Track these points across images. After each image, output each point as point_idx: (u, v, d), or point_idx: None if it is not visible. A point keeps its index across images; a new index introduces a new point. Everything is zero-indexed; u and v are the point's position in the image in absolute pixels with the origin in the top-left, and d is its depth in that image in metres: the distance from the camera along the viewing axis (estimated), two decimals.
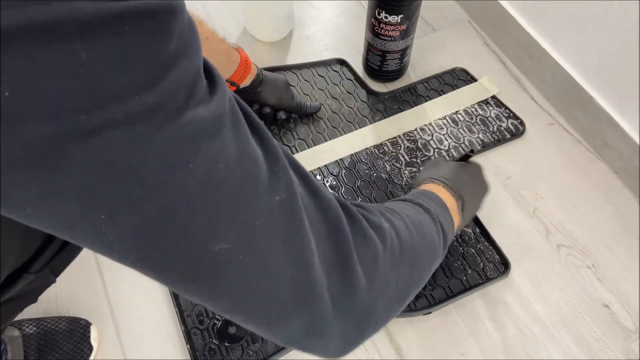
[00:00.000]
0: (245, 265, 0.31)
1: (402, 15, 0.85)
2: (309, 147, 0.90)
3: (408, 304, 0.74)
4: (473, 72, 0.99)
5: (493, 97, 0.96)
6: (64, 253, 0.44)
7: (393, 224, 0.43)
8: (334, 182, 0.85)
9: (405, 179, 0.86)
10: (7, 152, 0.22)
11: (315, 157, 0.88)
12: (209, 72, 0.29)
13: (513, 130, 0.92)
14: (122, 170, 0.25)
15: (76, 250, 0.46)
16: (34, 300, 0.49)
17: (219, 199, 0.29)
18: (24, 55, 0.21)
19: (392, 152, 0.89)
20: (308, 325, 0.36)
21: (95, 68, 0.23)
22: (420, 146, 0.90)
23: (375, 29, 0.89)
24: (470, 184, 0.64)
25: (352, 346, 0.41)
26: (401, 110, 0.94)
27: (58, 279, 0.49)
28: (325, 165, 0.87)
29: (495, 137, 0.91)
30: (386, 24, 0.87)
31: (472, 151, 0.79)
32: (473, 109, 0.95)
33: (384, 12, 0.85)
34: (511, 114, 0.94)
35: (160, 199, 0.27)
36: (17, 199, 0.24)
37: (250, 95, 0.84)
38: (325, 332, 0.37)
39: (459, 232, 0.79)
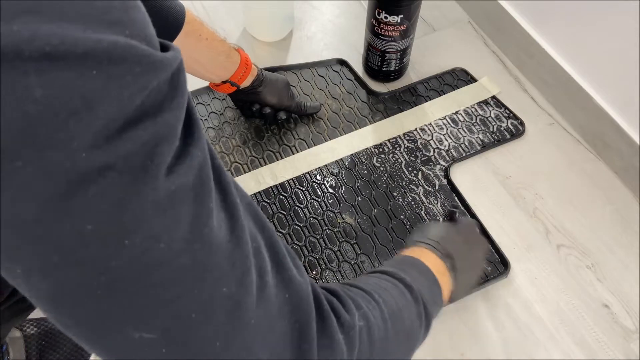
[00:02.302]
0: None
1: (402, 15, 0.85)
2: (309, 147, 0.90)
3: None
4: (473, 72, 1.00)
5: (493, 97, 0.96)
6: None
7: (368, 320, 0.38)
8: (334, 182, 0.85)
9: (405, 179, 0.86)
10: None
11: (315, 157, 0.88)
12: (190, 134, 0.26)
13: (513, 130, 0.92)
14: (46, 229, 0.22)
15: None
16: None
17: (150, 282, 0.25)
18: None
19: (392, 152, 0.89)
20: None
21: (46, 109, 0.20)
22: (420, 146, 0.90)
23: (375, 29, 0.89)
24: (461, 242, 0.60)
25: None
26: (401, 111, 0.94)
27: None
28: (325, 165, 0.87)
29: (495, 137, 0.91)
30: (386, 24, 0.87)
31: (454, 207, 0.78)
32: (473, 109, 0.95)
33: (384, 12, 0.85)
34: (511, 114, 0.94)
35: (80, 272, 0.24)
36: None
37: (250, 95, 0.84)
38: None
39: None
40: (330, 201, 0.84)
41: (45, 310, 0.26)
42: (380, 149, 0.89)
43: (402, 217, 0.82)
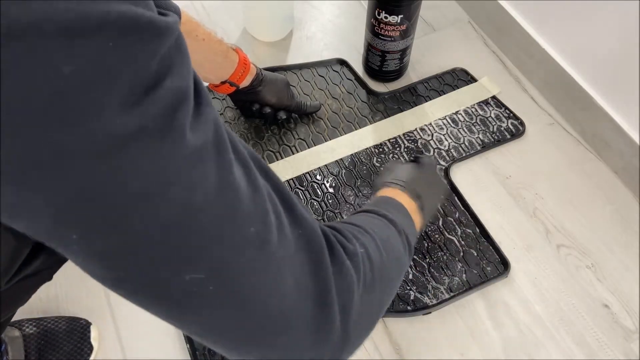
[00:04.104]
0: (216, 296, 0.31)
1: (402, 15, 0.85)
2: (309, 147, 0.90)
3: (408, 304, 0.74)
4: (473, 72, 1.00)
5: (493, 97, 0.96)
6: None
7: (366, 249, 0.43)
8: (334, 182, 0.85)
9: None
10: None
11: (315, 157, 0.88)
12: (199, 95, 0.29)
13: (513, 130, 0.92)
14: (98, 193, 0.25)
15: None
16: (50, 277, 0.49)
17: (193, 228, 0.28)
18: (9, 66, 0.21)
19: (392, 152, 0.89)
20: (281, 356, 0.35)
21: (76, 84, 0.22)
22: (421, 146, 0.90)
23: (375, 29, 0.89)
24: (426, 183, 0.66)
25: None
26: (401, 111, 0.94)
27: (59, 279, 0.49)
28: (325, 165, 0.87)
29: (495, 137, 0.91)
30: (386, 24, 0.87)
31: (421, 152, 0.80)
32: (473, 109, 0.95)
33: (384, 12, 0.85)
34: (511, 114, 0.94)
35: (135, 226, 0.26)
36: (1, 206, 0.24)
37: (250, 95, 0.84)
38: None
39: (424, 230, 0.76)
40: (330, 201, 0.83)
41: (98, 270, 0.28)
42: (380, 149, 0.89)
43: None
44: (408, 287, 0.76)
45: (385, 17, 0.86)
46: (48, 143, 0.23)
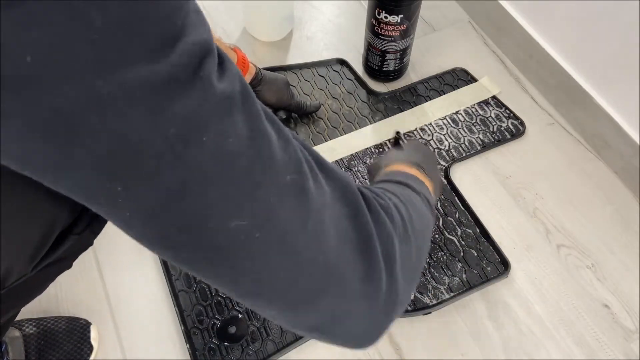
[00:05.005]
0: (263, 244, 0.31)
1: (402, 15, 0.85)
2: None
3: (408, 304, 0.74)
4: (473, 72, 0.99)
5: (493, 97, 0.96)
6: None
7: (395, 203, 0.44)
8: None
9: None
10: (28, 119, 0.23)
11: None
12: (220, 55, 0.30)
13: (513, 130, 0.92)
14: (138, 142, 0.26)
15: None
16: (70, 265, 0.50)
17: (232, 174, 0.29)
18: (44, 20, 0.22)
19: None
20: (335, 309, 0.36)
21: (109, 34, 0.23)
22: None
23: (375, 29, 0.89)
24: (419, 154, 0.67)
25: (379, 332, 0.40)
26: (401, 110, 0.94)
27: (58, 279, 0.50)
28: None
29: (496, 137, 0.91)
30: (386, 24, 0.87)
31: (397, 133, 0.80)
32: (473, 109, 0.95)
33: (384, 12, 0.85)
34: (511, 114, 0.94)
35: (176, 173, 0.27)
36: (39, 166, 0.25)
37: None
38: (352, 317, 0.37)
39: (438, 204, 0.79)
40: None
41: (142, 228, 0.29)
42: (381, 149, 0.89)
43: None
44: None
45: (385, 17, 0.86)
46: (85, 93, 0.24)
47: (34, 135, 0.24)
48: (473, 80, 0.99)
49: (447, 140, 0.91)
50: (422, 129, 0.92)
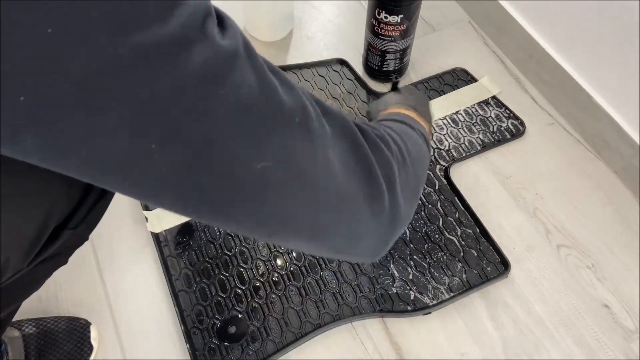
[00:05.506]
0: (287, 182, 0.35)
1: (402, 15, 0.85)
2: None
3: (408, 304, 0.74)
4: (473, 72, 0.99)
5: (493, 97, 0.96)
6: (98, 207, 0.46)
7: (390, 134, 0.48)
8: None
9: None
10: (55, 93, 0.24)
11: None
12: (220, 14, 0.32)
13: (513, 130, 0.92)
14: (163, 101, 0.27)
15: (106, 204, 0.48)
16: (65, 261, 0.50)
17: (251, 122, 0.32)
18: None
19: None
20: (351, 230, 0.41)
21: (122, 1, 0.25)
22: None
23: (375, 29, 0.89)
24: (413, 97, 0.71)
25: (386, 245, 0.46)
26: None
27: (58, 278, 0.50)
28: None
29: (496, 137, 0.91)
30: (386, 24, 0.87)
31: (396, 77, 0.82)
32: (473, 109, 0.95)
33: (384, 12, 0.85)
34: (511, 114, 0.94)
35: (203, 126, 0.29)
36: (73, 143, 0.26)
37: None
38: (364, 235, 0.43)
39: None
40: None
41: (177, 183, 0.31)
42: None
43: None
44: (408, 287, 0.76)
45: (385, 17, 0.86)
46: (106, 58, 0.25)
47: (62, 112, 0.25)
48: (473, 80, 0.99)
49: (447, 140, 0.91)
50: None
